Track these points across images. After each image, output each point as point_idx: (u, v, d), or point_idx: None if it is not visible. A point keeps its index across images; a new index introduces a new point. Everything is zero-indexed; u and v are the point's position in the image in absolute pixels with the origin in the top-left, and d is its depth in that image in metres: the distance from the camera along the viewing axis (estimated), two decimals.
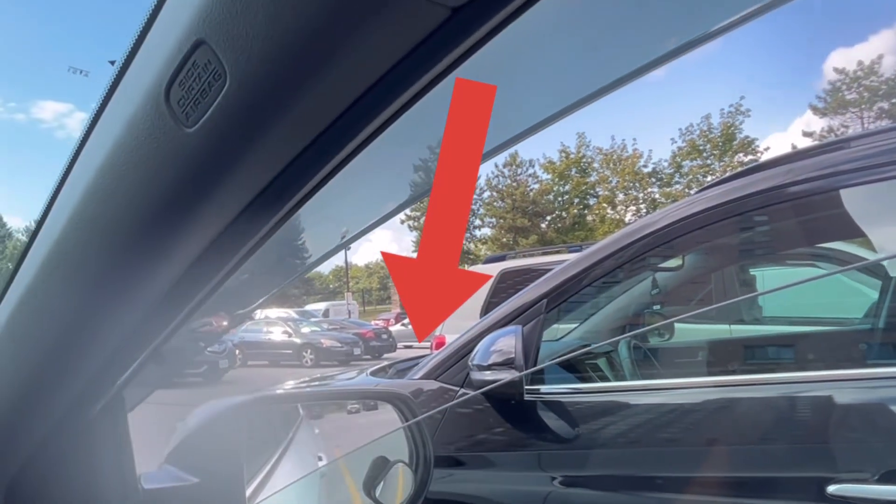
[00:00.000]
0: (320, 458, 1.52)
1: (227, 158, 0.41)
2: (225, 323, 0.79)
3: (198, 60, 0.37)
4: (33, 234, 0.57)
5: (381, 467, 1.01)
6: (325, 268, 62.74)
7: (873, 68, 33.27)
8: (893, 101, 32.41)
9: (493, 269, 6.69)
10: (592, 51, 0.40)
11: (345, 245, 0.64)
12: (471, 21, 0.32)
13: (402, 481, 1.03)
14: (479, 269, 7.09)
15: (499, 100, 0.39)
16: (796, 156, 1.67)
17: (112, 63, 0.45)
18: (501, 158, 41.00)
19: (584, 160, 38.67)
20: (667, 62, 0.37)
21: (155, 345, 0.61)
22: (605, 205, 37.59)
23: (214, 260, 0.49)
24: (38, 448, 0.67)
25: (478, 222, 43.12)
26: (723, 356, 2.47)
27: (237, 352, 16.60)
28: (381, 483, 0.99)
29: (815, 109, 35.22)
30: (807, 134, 35.82)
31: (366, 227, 0.60)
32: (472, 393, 1.75)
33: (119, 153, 0.45)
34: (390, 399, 1.12)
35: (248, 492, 1.10)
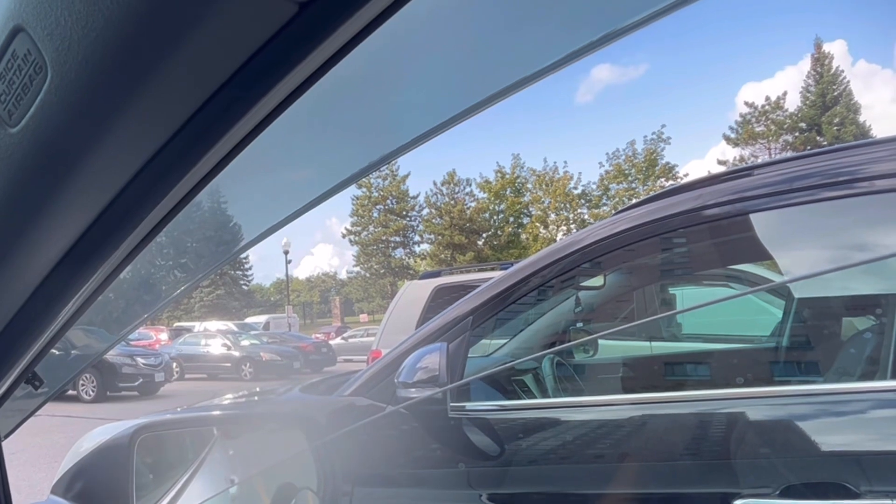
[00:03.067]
0: (233, 481, 1.44)
1: (62, 161, 0.37)
2: (144, 316, 0.73)
3: (17, 50, 0.33)
4: None
5: (287, 494, 0.95)
6: (266, 280, 60.92)
7: (779, 103, 36.22)
8: (796, 134, 35.32)
9: (428, 286, 6.68)
10: (473, 58, 0.40)
11: (267, 234, 0.60)
12: (322, 18, 0.31)
13: None
14: (415, 284, 7.06)
15: (380, 107, 0.37)
16: (708, 181, 1.76)
17: None
18: (440, 176, 41.52)
19: (518, 180, 39.67)
20: (550, 73, 0.37)
21: (26, 363, 0.55)
22: (537, 224, 38.59)
23: (79, 268, 0.44)
24: None
25: (417, 238, 43.24)
26: (641, 373, 2.56)
27: (174, 365, 16.28)
28: None
29: (727, 139, 37.87)
30: (721, 162, 38.41)
31: (285, 219, 0.57)
32: (392, 408, 1.72)
33: None
34: (299, 425, 1.07)
35: None
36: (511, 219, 39.76)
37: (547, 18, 0.38)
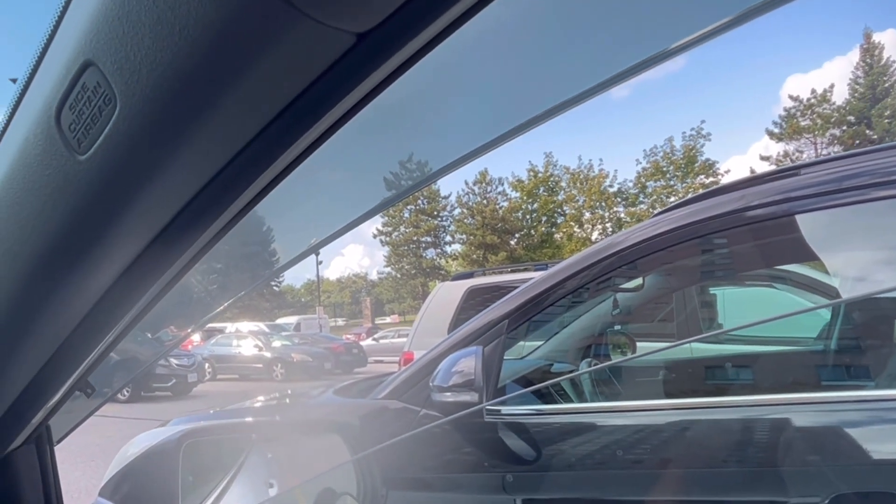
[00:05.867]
0: (271, 486, 1.47)
1: (126, 187, 0.38)
2: (189, 329, 0.75)
3: (87, 83, 0.35)
4: None
5: (327, 500, 0.97)
6: (297, 281, 62.06)
7: (825, 96, 34.88)
8: (844, 128, 33.97)
9: (461, 287, 6.67)
10: (522, 80, 0.40)
11: (311, 251, 0.61)
12: (379, 47, 0.32)
13: None
14: (447, 286, 7.06)
15: (435, 126, 0.38)
16: (752, 181, 1.71)
17: (14, 81, 0.42)
18: (472, 176, 41.48)
19: (551, 179, 39.33)
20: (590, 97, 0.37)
21: (79, 373, 0.58)
22: (572, 223, 38.19)
23: (133, 286, 0.46)
24: None
25: (448, 238, 43.34)
26: (681, 376, 2.50)
27: (207, 365, 16.61)
28: None
29: (771, 134, 36.67)
30: (764, 158, 37.28)
31: (331, 235, 0.58)
32: (427, 412, 1.72)
33: (14, 178, 0.42)
34: (337, 430, 1.09)
35: None
36: (544, 218, 39.46)
37: (588, 42, 0.38)
